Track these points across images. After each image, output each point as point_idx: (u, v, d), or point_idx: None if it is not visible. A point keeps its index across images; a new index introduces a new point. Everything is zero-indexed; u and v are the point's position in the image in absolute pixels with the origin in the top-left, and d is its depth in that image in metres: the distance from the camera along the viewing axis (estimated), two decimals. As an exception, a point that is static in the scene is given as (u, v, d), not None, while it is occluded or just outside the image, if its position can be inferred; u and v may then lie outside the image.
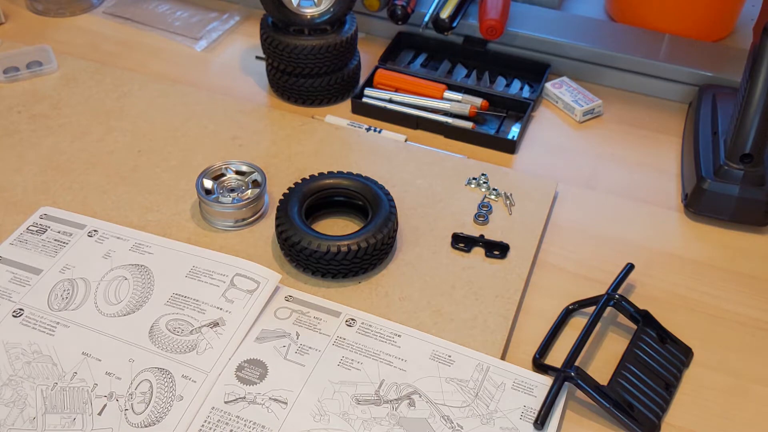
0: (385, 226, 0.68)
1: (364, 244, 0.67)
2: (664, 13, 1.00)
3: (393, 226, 0.69)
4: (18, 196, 0.77)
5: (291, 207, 0.69)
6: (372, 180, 0.73)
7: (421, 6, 0.97)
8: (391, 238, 0.69)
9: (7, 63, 0.93)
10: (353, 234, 0.68)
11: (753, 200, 0.75)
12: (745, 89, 0.74)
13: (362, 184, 0.72)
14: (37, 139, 0.84)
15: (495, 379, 0.61)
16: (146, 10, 1.07)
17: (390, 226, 0.69)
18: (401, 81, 0.92)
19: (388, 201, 0.71)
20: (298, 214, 0.69)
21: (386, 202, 0.70)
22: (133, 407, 0.58)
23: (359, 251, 0.67)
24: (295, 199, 0.70)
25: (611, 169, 0.85)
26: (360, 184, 0.72)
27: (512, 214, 0.77)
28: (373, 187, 0.72)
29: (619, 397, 0.59)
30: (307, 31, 0.86)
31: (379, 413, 0.59)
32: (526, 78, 0.96)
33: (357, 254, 0.67)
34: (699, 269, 0.73)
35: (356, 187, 0.72)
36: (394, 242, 0.71)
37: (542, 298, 0.70)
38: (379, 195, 0.71)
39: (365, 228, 0.68)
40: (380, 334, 0.64)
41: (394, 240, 0.71)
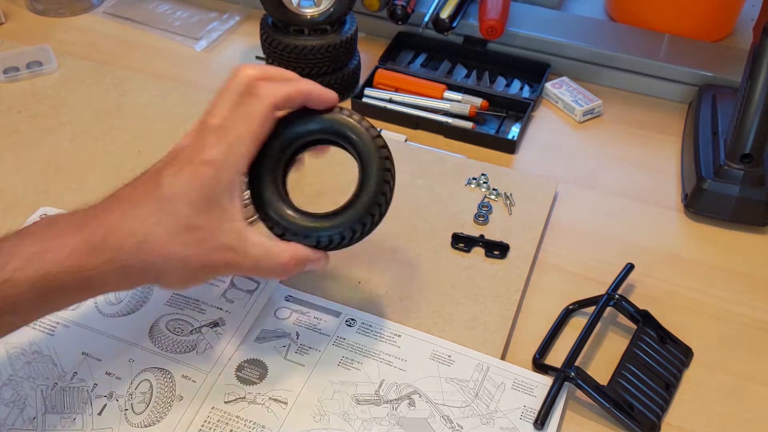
0: (380, 192, 0.55)
1: (359, 228, 0.56)
2: (664, 13, 1.00)
3: (390, 188, 0.56)
4: (18, 196, 0.77)
5: (263, 185, 0.55)
6: (350, 120, 0.56)
7: (421, 6, 0.97)
8: (388, 201, 0.57)
9: (7, 63, 0.93)
10: (345, 208, 0.56)
11: (753, 200, 0.75)
12: (745, 89, 0.74)
13: (337, 127, 0.56)
14: (37, 139, 0.84)
15: (495, 379, 0.61)
16: (146, 10, 1.07)
17: (388, 191, 0.56)
18: (401, 81, 0.92)
19: (378, 153, 0.55)
20: (273, 192, 0.55)
21: (376, 154, 0.55)
22: (133, 407, 0.58)
23: (354, 236, 0.56)
24: (266, 168, 0.55)
25: (611, 169, 0.85)
26: (335, 126, 0.56)
27: (512, 214, 0.77)
28: (351, 134, 0.55)
29: (619, 397, 0.59)
30: (307, 31, 0.86)
31: (379, 413, 0.59)
32: (526, 78, 0.96)
33: (353, 238, 0.56)
34: (699, 269, 0.73)
35: (332, 132, 0.56)
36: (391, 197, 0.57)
37: (542, 298, 0.70)
38: (363, 143, 0.55)
39: (356, 199, 0.55)
40: (380, 334, 0.64)
41: (391, 196, 0.57)
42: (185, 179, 0.49)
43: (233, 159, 0.50)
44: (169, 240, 0.49)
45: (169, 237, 0.49)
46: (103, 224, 0.50)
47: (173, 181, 0.50)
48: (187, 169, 0.50)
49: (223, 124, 0.50)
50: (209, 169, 0.49)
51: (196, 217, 0.50)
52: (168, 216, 0.49)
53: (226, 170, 0.50)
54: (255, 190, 0.55)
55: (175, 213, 0.49)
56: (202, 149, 0.50)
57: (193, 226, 0.50)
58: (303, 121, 0.55)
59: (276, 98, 0.51)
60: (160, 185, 0.50)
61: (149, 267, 0.50)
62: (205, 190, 0.49)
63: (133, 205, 0.50)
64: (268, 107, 0.51)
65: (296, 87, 0.52)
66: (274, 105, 0.51)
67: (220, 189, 0.50)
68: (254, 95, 0.51)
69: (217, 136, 0.50)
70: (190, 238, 0.50)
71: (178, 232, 0.49)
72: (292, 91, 0.52)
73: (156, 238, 0.49)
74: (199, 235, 0.50)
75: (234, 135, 0.50)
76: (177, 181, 0.50)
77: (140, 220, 0.49)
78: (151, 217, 0.49)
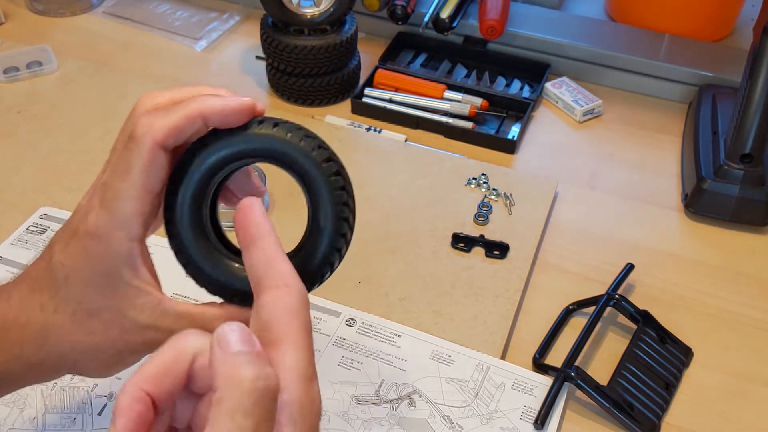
0: (338, 233, 0.41)
1: (317, 280, 0.42)
2: (664, 13, 1.00)
3: (350, 226, 0.42)
4: (18, 196, 0.77)
5: (184, 237, 0.42)
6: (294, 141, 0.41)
7: (421, 6, 0.97)
8: (348, 240, 0.43)
9: (7, 63, 0.93)
10: (298, 253, 0.42)
11: (753, 200, 0.75)
12: (745, 89, 0.74)
13: (264, 148, 0.41)
14: (37, 140, 0.84)
15: (495, 379, 0.61)
16: (146, 10, 1.07)
17: (348, 231, 0.42)
18: (401, 81, 0.92)
19: (330, 183, 0.42)
20: (200, 242, 0.42)
21: (326, 185, 0.42)
22: (133, 407, 0.58)
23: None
24: (184, 214, 0.42)
25: (611, 169, 0.85)
26: (260, 147, 0.41)
27: (512, 214, 0.77)
28: (298, 157, 0.41)
29: (619, 397, 0.59)
30: (307, 31, 0.86)
31: (379, 413, 0.59)
32: (526, 78, 0.96)
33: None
34: (699, 269, 0.73)
35: (257, 155, 0.41)
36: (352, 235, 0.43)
37: (542, 298, 0.70)
38: (310, 173, 0.41)
39: (310, 244, 0.42)
40: (380, 334, 0.64)
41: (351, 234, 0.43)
42: (74, 256, 0.41)
43: (120, 225, 0.40)
44: (72, 329, 0.42)
45: (71, 326, 0.42)
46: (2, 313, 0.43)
47: (63, 258, 0.41)
48: (73, 243, 0.41)
49: (106, 180, 0.41)
50: (94, 242, 0.40)
51: (97, 300, 0.41)
52: (66, 301, 0.41)
53: (114, 240, 0.40)
54: (176, 245, 0.42)
55: (72, 297, 0.41)
56: (86, 215, 0.41)
57: (95, 309, 0.41)
58: (214, 148, 0.41)
59: (157, 135, 0.39)
60: (52, 264, 0.42)
61: (59, 360, 0.43)
62: (98, 267, 0.40)
63: (30, 288, 0.43)
64: (148, 150, 0.39)
65: (185, 113, 0.39)
66: (157, 145, 0.39)
67: (115, 263, 0.40)
68: (133, 138, 0.39)
69: (101, 198, 0.40)
70: (96, 323, 0.41)
71: (81, 320, 0.41)
72: (178, 120, 0.39)
73: (57, 329, 0.42)
74: (106, 319, 0.41)
75: (114, 193, 0.40)
76: (66, 258, 0.41)
77: (38, 309, 0.42)
78: (49, 303, 0.42)
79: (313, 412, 0.34)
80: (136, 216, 0.40)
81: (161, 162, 0.40)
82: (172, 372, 0.35)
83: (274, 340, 0.35)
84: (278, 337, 0.35)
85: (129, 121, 0.42)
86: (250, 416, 0.31)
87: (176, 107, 0.40)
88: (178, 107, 0.40)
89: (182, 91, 0.42)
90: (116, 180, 0.40)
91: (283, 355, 0.34)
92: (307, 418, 0.34)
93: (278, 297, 0.36)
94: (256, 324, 0.36)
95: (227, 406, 0.32)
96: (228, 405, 0.32)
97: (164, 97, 0.41)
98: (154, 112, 0.40)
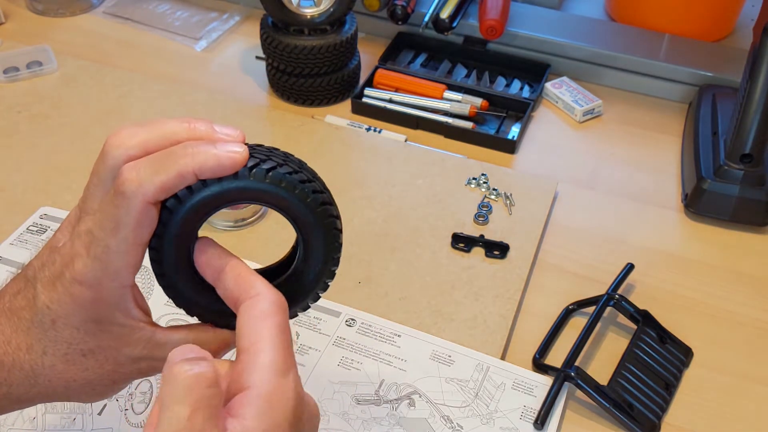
0: (331, 258, 0.43)
1: (306, 307, 0.45)
2: (664, 13, 1.00)
3: (339, 247, 0.43)
4: (18, 196, 0.77)
5: (175, 276, 0.41)
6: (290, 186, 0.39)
7: (421, 6, 0.97)
8: (337, 262, 0.44)
9: (7, 63, 0.93)
10: (288, 280, 0.43)
11: (753, 200, 0.75)
12: (745, 89, 0.74)
13: (259, 196, 0.39)
14: (37, 139, 0.84)
15: (495, 379, 0.61)
16: (146, 10, 1.07)
17: (337, 253, 0.43)
18: (401, 81, 0.92)
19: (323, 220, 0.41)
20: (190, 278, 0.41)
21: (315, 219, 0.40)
22: (133, 407, 0.58)
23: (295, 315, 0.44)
24: (172, 255, 0.40)
25: (611, 169, 0.85)
26: (257, 195, 0.39)
27: (512, 214, 0.77)
28: (303, 212, 0.40)
29: (619, 397, 0.59)
30: (307, 31, 0.86)
31: (378, 413, 0.59)
32: (526, 78, 0.96)
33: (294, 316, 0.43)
34: (699, 269, 0.73)
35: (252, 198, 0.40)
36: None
37: (542, 298, 0.70)
38: (305, 221, 0.40)
39: (299, 271, 0.43)
40: (380, 334, 0.64)
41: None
42: (60, 300, 0.39)
43: (110, 276, 0.39)
44: (65, 369, 0.41)
45: (64, 366, 0.41)
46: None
47: (48, 302, 0.40)
48: (59, 287, 0.39)
49: (92, 229, 0.38)
50: (83, 290, 0.39)
51: (90, 342, 0.40)
52: (55, 343, 0.40)
53: (104, 289, 0.39)
54: (165, 282, 0.41)
55: (63, 340, 0.40)
56: (72, 260, 0.39)
57: (89, 350, 0.41)
58: (204, 196, 0.38)
59: (147, 193, 0.37)
60: (36, 305, 0.40)
61: (51, 395, 0.42)
62: (87, 313, 0.39)
63: (14, 327, 0.41)
64: (139, 208, 0.37)
65: (177, 171, 0.37)
66: (147, 202, 0.37)
67: (106, 309, 0.40)
68: (120, 194, 0.37)
69: (87, 247, 0.38)
70: (90, 362, 0.41)
71: (74, 360, 0.41)
72: (169, 179, 0.37)
73: (48, 370, 0.41)
74: (100, 357, 0.41)
75: (103, 248, 0.38)
76: (53, 302, 0.39)
77: (24, 350, 0.40)
78: (36, 345, 0.40)
79: (287, 405, 0.35)
80: (127, 267, 0.39)
81: (152, 217, 0.38)
82: None
83: (250, 344, 0.36)
84: (253, 340, 0.36)
85: (101, 164, 0.39)
86: (183, 403, 0.32)
87: (166, 162, 0.37)
88: (168, 162, 0.37)
89: (155, 130, 0.39)
90: (105, 234, 0.38)
91: (255, 355, 0.35)
92: (278, 410, 0.35)
93: (250, 305, 0.37)
94: (236, 336, 0.37)
95: (164, 401, 0.33)
96: (164, 400, 0.33)
97: (136, 138, 0.38)
98: (142, 167, 0.37)
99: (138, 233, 0.38)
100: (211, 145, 0.38)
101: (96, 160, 0.39)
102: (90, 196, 0.40)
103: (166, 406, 0.32)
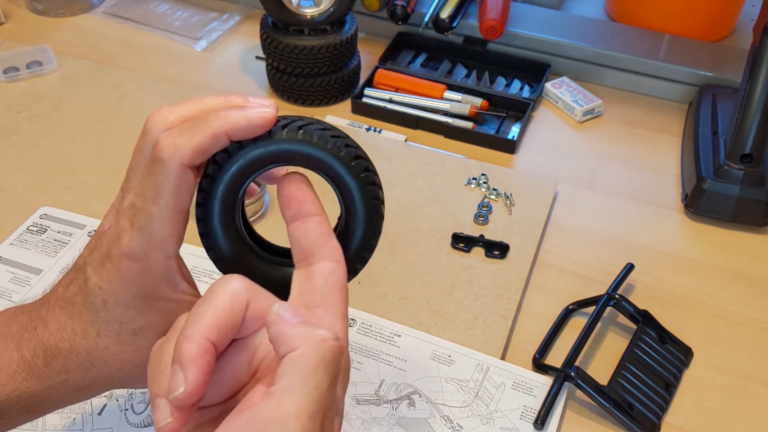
0: (373, 228, 0.44)
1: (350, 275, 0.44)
2: (664, 13, 1.00)
3: (382, 216, 0.44)
4: (18, 196, 0.77)
5: (220, 243, 0.43)
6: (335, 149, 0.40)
7: (421, 6, 0.97)
8: (380, 232, 0.45)
9: (7, 63, 0.93)
10: None
11: (753, 200, 0.75)
12: (745, 89, 0.74)
13: (315, 157, 0.40)
14: (37, 139, 0.84)
15: (495, 379, 0.61)
16: (146, 10, 1.07)
17: (380, 221, 0.44)
18: (401, 81, 0.92)
19: (362, 180, 0.42)
20: (235, 244, 0.43)
21: (357, 182, 0.41)
22: (133, 407, 0.58)
23: None
24: (216, 221, 0.42)
25: (611, 169, 0.85)
26: (312, 158, 0.40)
27: (512, 214, 0.77)
28: (327, 160, 0.40)
29: (619, 397, 0.59)
30: (307, 31, 0.86)
31: (379, 413, 0.59)
32: (526, 78, 0.96)
33: None
34: (699, 269, 0.73)
35: (291, 159, 0.41)
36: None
37: (542, 298, 0.70)
38: (341, 175, 0.41)
39: (344, 238, 0.43)
40: (380, 334, 0.64)
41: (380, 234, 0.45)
42: (110, 278, 0.41)
43: (155, 247, 0.40)
44: (118, 350, 0.42)
45: (117, 347, 0.42)
46: (42, 341, 0.42)
47: (99, 281, 0.41)
48: (108, 265, 0.41)
49: (134, 202, 0.40)
50: (131, 264, 0.40)
51: (139, 319, 0.42)
52: (108, 324, 0.41)
53: (151, 261, 0.40)
54: (214, 255, 0.43)
55: (114, 320, 0.41)
56: (119, 237, 0.40)
57: (139, 328, 0.42)
58: (242, 159, 0.40)
59: (184, 157, 0.39)
60: (88, 287, 0.41)
61: (108, 379, 0.43)
62: (136, 289, 0.41)
63: (68, 314, 0.42)
64: (177, 171, 0.39)
65: (211, 132, 0.39)
66: (184, 165, 0.39)
67: (153, 282, 0.41)
68: (158, 160, 0.39)
69: (131, 220, 0.40)
70: (142, 341, 0.42)
71: (126, 340, 0.42)
72: (204, 140, 0.39)
73: (102, 352, 0.42)
74: (151, 335, 0.42)
75: (146, 217, 0.40)
76: (103, 281, 0.41)
77: (79, 335, 0.42)
78: (90, 329, 0.42)
79: (349, 373, 0.39)
80: (171, 236, 0.40)
81: (190, 181, 0.40)
82: (231, 320, 0.36)
83: (322, 304, 0.38)
84: (327, 303, 0.38)
85: (143, 140, 0.41)
86: (329, 370, 0.34)
87: (199, 125, 0.39)
88: (202, 125, 0.39)
89: (194, 105, 0.41)
90: (147, 203, 0.39)
91: (331, 321, 0.38)
92: (347, 378, 0.39)
93: (334, 269, 0.39)
94: (305, 288, 0.39)
95: (310, 359, 0.34)
96: (310, 359, 0.34)
97: (176, 113, 0.40)
98: (177, 132, 0.39)
99: (178, 198, 0.39)
100: (242, 108, 0.39)
101: (138, 139, 0.42)
102: (132, 175, 0.41)
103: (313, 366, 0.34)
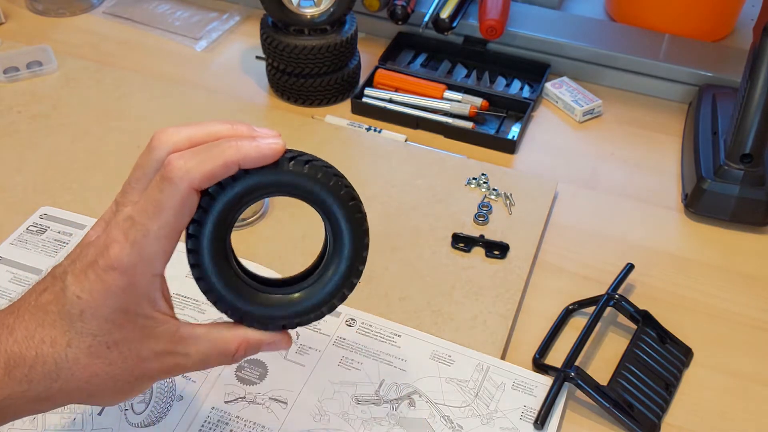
0: (360, 253, 0.44)
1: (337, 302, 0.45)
2: (664, 13, 1.00)
3: (367, 243, 0.45)
4: (18, 196, 0.77)
5: (207, 266, 0.43)
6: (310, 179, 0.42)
7: (421, 6, 0.97)
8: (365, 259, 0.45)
9: (7, 63, 0.93)
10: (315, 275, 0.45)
11: (753, 200, 0.75)
12: (745, 89, 0.74)
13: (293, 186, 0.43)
14: (37, 139, 0.84)
15: (495, 379, 0.61)
16: (146, 10, 1.07)
17: (365, 249, 0.45)
18: (401, 81, 0.92)
19: (353, 212, 0.44)
20: (222, 269, 0.43)
21: (348, 215, 0.44)
22: (133, 407, 0.58)
23: (329, 312, 0.45)
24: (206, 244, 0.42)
25: (611, 169, 0.85)
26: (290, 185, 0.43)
27: (512, 214, 0.77)
28: (333, 205, 0.43)
29: (619, 397, 0.59)
30: (307, 31, 0.86)
31: (379, 413, 0.59)
32: (526, 78, 0.96)
33: (325, 314, 0.45)
34: (699, 269, 0.73)
35: (285, 190, 0.43)
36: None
37: (542, 298, 0.70)
38: (337, 214, 0.43)
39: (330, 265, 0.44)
40: (380, 334, 0.64)
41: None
42: (91, 288, 0.40)
43: (145, 262, 0.40)
44: (88, 363, 0.41)
45: (87, 360, 0.41)
46: (5, 349, 0.41)
47: (79, 291, 0.40)
48: (92, 275, 0.40)
49: (132, 215, 0.40)
50: (117, 276, 0.40)
51: (115, 333, 0.41)
52: (81, 335, 0.41)
53: (138, 276, 0.40)
54: (198, 273, 0.43)
55: (88, 331, 0.41)
56: (107, 248, 0.40)
57: (113, 342, 0.41)
58: (245, 185, 0.41)
59: (194, 180, 0.39)
60: (65, 297, 0.41)
61: (72, 392, 0.42)
62: (117, 302, 0.40)
63: (38, 322, 0.41)
64: (184, 194, 0.39)
65: (223, 160, 0.40)
66: (192, 188, 0.40)
67: (135, 298, 0.41)
68: (167, 179, 0.39)
69: (125, 232, 0.40)
70: (114, 355, 0.42)
71: (98, 353, 0.41)
72: (216, 168, 0.40)
73: (71, 363, 0.41)
74: (124, 350, 0.42)
75: (143, 232, 0.40)
76: (83, 291, 0.40)
77: (48, 343, 0.41)
78: (60, 338, 0.41)
79: None
80: (163, 254, 0.41)
81: (193, 203, 0.41)
82: None
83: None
84: None
85: (147, 157, 0.41)
86: None
87: (212, 152, 0.40)
88: (215, 152, 0.40)
89: (200, 129, 0.42)
90: (146, 219, 0.40)
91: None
92: None
93: None
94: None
95: None
96: None
97: (182, 134, 0.41)
98: (189, 155, 0.40)
99: (179, 219, 0.40)
100: (252, 139, 0.41)
101: (140, 155, 0.42)
102: (131, 190, 0.42)
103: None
